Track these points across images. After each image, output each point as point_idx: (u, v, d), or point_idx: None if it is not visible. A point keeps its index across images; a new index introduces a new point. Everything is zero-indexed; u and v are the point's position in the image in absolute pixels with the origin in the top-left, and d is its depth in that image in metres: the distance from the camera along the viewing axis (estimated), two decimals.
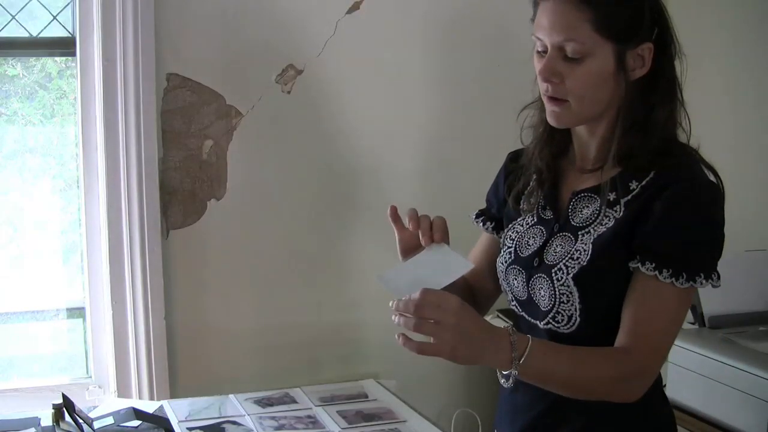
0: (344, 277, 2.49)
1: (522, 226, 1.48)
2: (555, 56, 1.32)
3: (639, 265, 1.30)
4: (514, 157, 1.57)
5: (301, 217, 2.44)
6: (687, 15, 1.42)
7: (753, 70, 2.81)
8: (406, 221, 1.43)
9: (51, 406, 1.89)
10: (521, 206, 1.50)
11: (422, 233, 1.39)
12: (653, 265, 1.29)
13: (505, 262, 1.48)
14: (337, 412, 2.12)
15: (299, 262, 2.44)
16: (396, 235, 1.44)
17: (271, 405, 2.15)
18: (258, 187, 2.39)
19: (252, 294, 2.42)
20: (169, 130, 2.29)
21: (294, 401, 2.20)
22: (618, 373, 1.29)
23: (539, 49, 1.36)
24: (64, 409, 1.88)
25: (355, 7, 2.40)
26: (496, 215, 1.60)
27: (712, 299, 2.29)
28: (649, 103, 1.35)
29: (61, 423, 1.88)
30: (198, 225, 2.34)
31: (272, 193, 2.41)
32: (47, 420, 1.90)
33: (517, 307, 1.48)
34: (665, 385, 1.46)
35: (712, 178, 1.34)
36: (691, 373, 2.13)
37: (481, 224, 1.61)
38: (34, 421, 1.92)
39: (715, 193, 1.33)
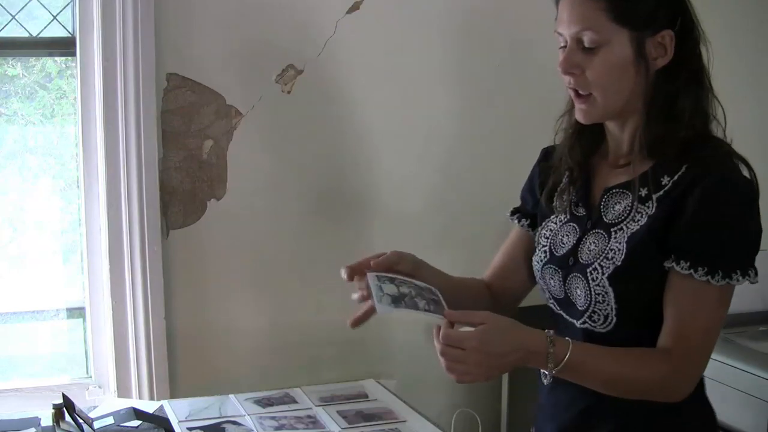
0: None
1: (555, 224, 1.48)
2: (574, 48, 1.34)
3: (674, 264, 1.30)
4: (547, 154, 1.57)
5: (301, 217, 2.44)
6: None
7: (754, 68, 2.81)
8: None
9: (51, 406, 1.89)
10: (554, 204, 1.50)
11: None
12: (687, 264, 1.28)
13: (541, 261, 1.47)
14: (337, 412, 2.12)
15: (299, 262, 2.44)
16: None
17: (271, 405, 2.15)
18: (258, 187, 2.39)
19: (252, 294, 2.42)
20: (169, 130, 2.29)
21: (294, 401, 2.19)
22: (659, 375, 1.30)
23: (561, 44, 1.37)
24: (64, 409, 1.88)
25: (355, 7, 2.40)
26: (530, 212, 1.59)
27: None
28: (674, 92, 1.34)
29: (61, 423, 1.88)
30: (198, 225, 2.34)
31: (272, 193, 2.41)
32: (47, 420, 1.90)
33: (555, 306, 1.47)
34: None
35: (745, 172, 1.32)
36: None
37: (517, 221, 1.60)
38: (34, 421, 1.92)
39: (748, 188, 1.31)
